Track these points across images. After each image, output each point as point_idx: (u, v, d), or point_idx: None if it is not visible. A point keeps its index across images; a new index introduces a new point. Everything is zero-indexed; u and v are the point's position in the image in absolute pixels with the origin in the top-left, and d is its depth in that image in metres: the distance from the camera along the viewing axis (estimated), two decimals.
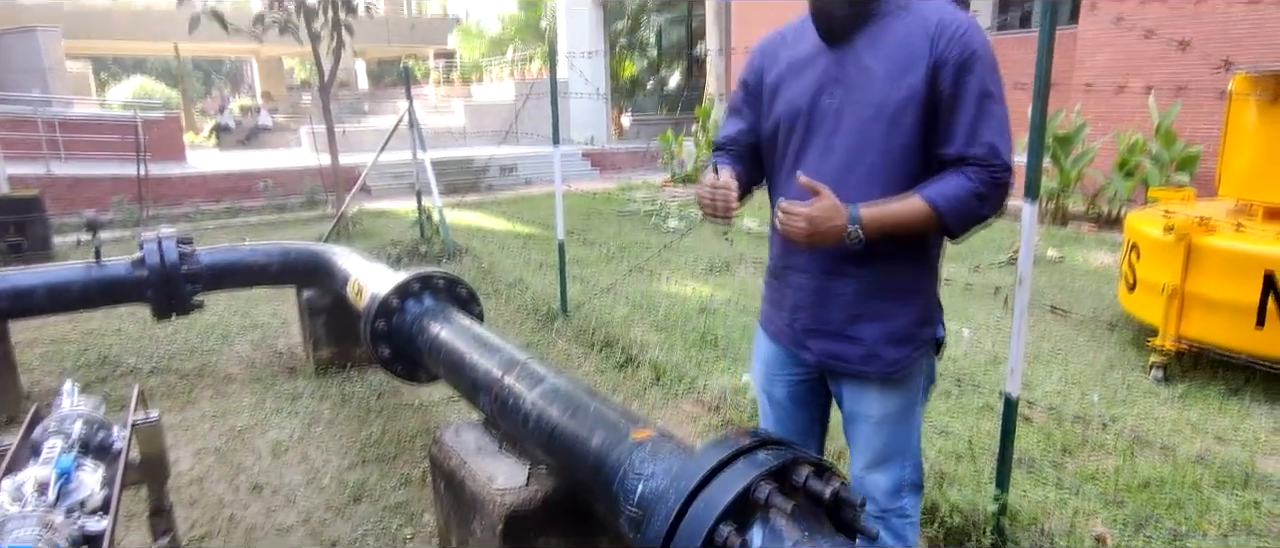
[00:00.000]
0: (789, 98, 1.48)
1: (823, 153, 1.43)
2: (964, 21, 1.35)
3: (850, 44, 1.40)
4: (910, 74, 1.34)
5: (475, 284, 5.56)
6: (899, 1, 1.40)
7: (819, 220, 1.32)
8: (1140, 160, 7.30)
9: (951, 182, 1.34)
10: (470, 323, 2.53)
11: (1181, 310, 3.47)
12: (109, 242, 7.65)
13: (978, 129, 1.33)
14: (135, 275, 3.39)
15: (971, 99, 1.32)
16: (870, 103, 1.37)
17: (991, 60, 1.34)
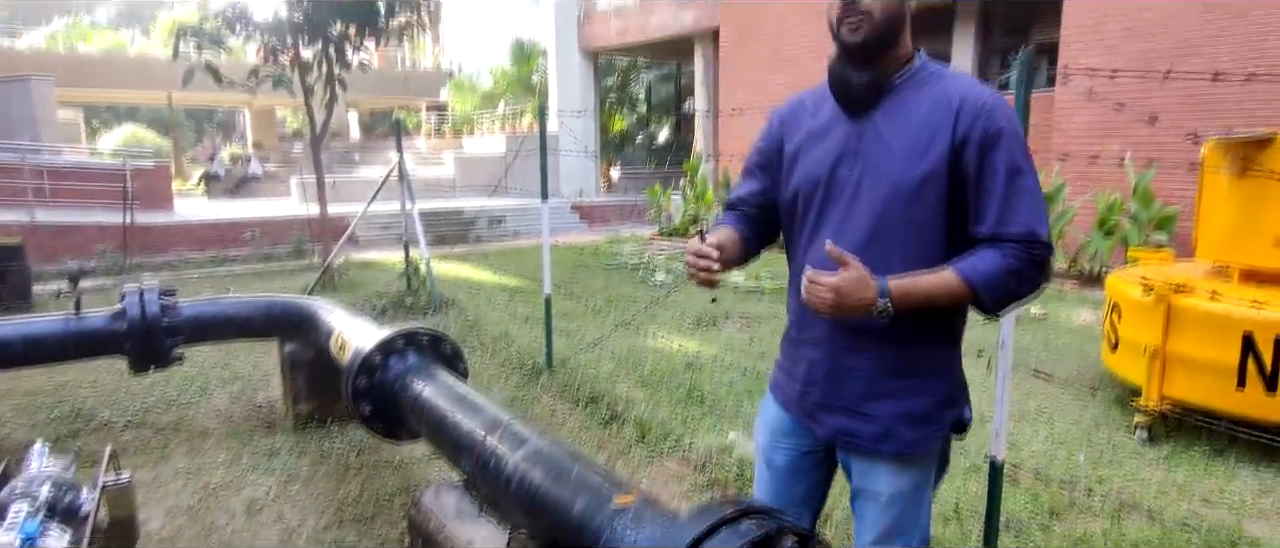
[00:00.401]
0: (808, 166, 1.45)
1: (841, 224, 1.40)
2: (988, 98, 1.32)
3: (870, 115, 1.38)
4: (931, 152, 1.32)
5: (461, 338, 5.53)
6: (921, 75, 1.38)
7: (846, 292, 1.27)
8: (1119, 220, 7.45)
9: (987, 258, 1.29)
10: (454, 381, 2.50)
11: (1164, 371, 3.50)
12: (92, 290, 7.57)
13: (1010, 208, 1.29)
14: (114, 328, 3.34)
15: (1000, 177, 1.29)
16: (889, 178, 1.34)
17: (1019, 135, 1.31)
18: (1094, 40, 8.69)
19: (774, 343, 5.01)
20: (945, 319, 1.39)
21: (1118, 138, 8.46)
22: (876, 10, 1.32)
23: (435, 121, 23.94)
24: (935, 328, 1.39)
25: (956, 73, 1.39)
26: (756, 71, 12.67)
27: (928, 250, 1.34)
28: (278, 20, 6.96)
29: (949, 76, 1.37)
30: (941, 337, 1.41)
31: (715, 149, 14.14)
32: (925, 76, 1.38)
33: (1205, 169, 3.75)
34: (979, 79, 1.49)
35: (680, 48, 16.20)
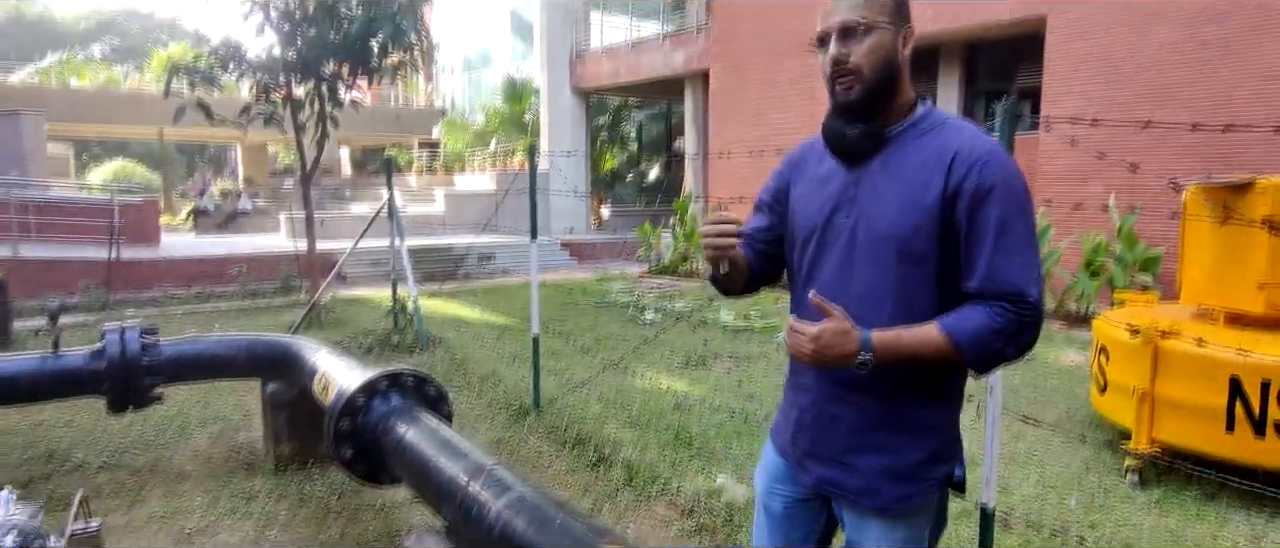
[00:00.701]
0: (807, 213, 1.45)
1: (836, 272, 1.39)
2: (983, 150, 1.29)
3: (867, 165, 1.37)
4: (922, 204, 1.29)
5: (447, 377, 5.48)
6: (924, 125, 1.36)
7: (826, 343, 1.25)
8: (1104, 261, 7.52)
9: (974, 316, 1.26)
10: (438, 425, 2.46)
11: (1153, 414, 3.49)
12: (74, 326, 7.48)
13: (998, 266, 1.25)
14: (93, 367, 3.28)
15: (990, 233, 1.25)
16: (881, 229, 1.33)
17: (1014, 189, 1.27)
18: (1074, 86, 8.88)
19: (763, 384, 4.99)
20: (937, 374, 1.35)
21: (1100, 180, 8.59)
22: (866, 68, 1.31)
23: (427, 159, 24.06)
24: (926, 383, 1.36)
25: (961, 122, 1.36)
26: (746, 112, 12.85)
27: (920, 303, 1.32)
28: (272, 59, 7.02)
29: (950, 127, 1.35)
30: (933, 392, 1.37)
31: (705, 188, 14.24)
32: (927, 126, 1.35)
33: (1186, 214, 3.80)
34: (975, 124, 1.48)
35: (671, 88, 16.43)
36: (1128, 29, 8.39)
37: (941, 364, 1.30)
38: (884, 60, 1.32)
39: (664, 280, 11.40)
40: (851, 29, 1.30)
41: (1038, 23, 9.33)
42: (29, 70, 24.67)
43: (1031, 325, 1.26)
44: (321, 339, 6.21)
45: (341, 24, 6.97)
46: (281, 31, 6.86)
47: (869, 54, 1.31)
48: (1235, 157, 7.58)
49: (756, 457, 3.89)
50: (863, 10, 1.31)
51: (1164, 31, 8.12)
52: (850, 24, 1.30)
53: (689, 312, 8.35)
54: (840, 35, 1.31)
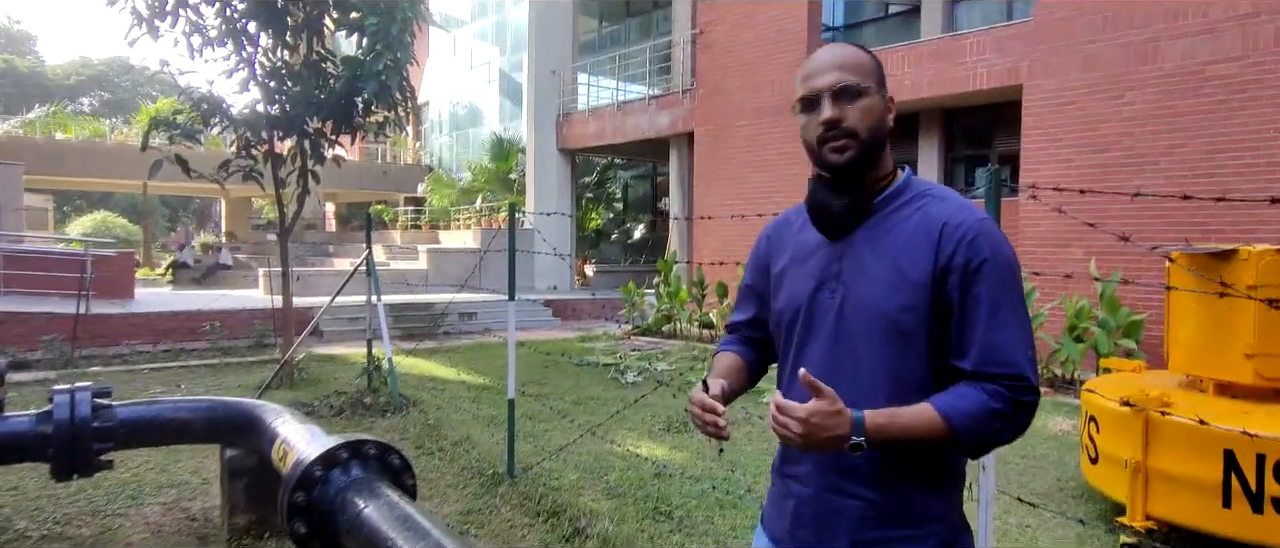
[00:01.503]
0: (791, 290, 1.38)
1: (824, 352, 1.31)
2: (972, 223, 1.24)
3: (850, 238, 1.32)
4: (910, 281, 1.24)
5: (419, 441, 5.29)
6: (906, 194, 1.32)
7: (817, 427, 1.16)
8: (1088, 326, 7.50)
9: (969, 397, 1.19)
10: (398, 499, 2.30)
11: (1147, 488, 3.38)
12: (33, 384, 7.20)
13: (993, 345, 1.19)
14: (39, 431, 3.10)
15: (983, 310, 1.20)
16: (868, 307, 1.27)
17: (1007, 264, 1.23)
18: (1053, 152, 9.04)
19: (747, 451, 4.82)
20: (939, 459, 1.27)
21: (1081, 245, 8.66)
22: (862, 130, 1.27)
23: (412, 215, 24.05)
24: (929, 469, 1.27)
25: (945, 192, 1.32)
26: (729, 173, 12.97)
27: (913, 382, 1.25)
28: (254, 114, 6.99)
29: (935, 197, 1.30)
30: (937, 478, 1.28)
31: (690, 248, 14.26)
32: (910, 195, 1.31)
33: (1171, 281, 3.78)
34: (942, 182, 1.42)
35: (656, 148, 16.62)
36: (1104, 98, 8.59)
37: (935, 446, 1.22)
38: (878, 123, 1.29)
39: (647, 340, 11.27)
40: (846, 90, 1.26)
41: (1015, 91, 9.55)
42: (14, 122, 24.64)
43: (1029, 407, 1.20)
44: (288, 402, 6.02)
45: (327, 81, 6.98)
46: (266, 88, 6.85)
47: (864, 115, 1.27)
48: (1213, 223, 7.68)
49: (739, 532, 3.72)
50: (856, 73, 1.28)
51: (1139, 102, 8.32)
52: (845, 85, 1.26)
53: (672, 373, 8.20)
54: (834, 96, 1.27)
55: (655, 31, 17.64)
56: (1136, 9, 8.30)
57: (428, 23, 8.41)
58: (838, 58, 1.29)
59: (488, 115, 23.88)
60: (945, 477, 1.29)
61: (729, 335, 1.56)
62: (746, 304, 1.53)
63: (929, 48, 10.50)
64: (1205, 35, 7.85)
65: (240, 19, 6.52)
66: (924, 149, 11.55)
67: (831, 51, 1.31)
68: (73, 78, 45.42)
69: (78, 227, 30.22)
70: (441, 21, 25.06)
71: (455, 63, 25.33)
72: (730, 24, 13.00)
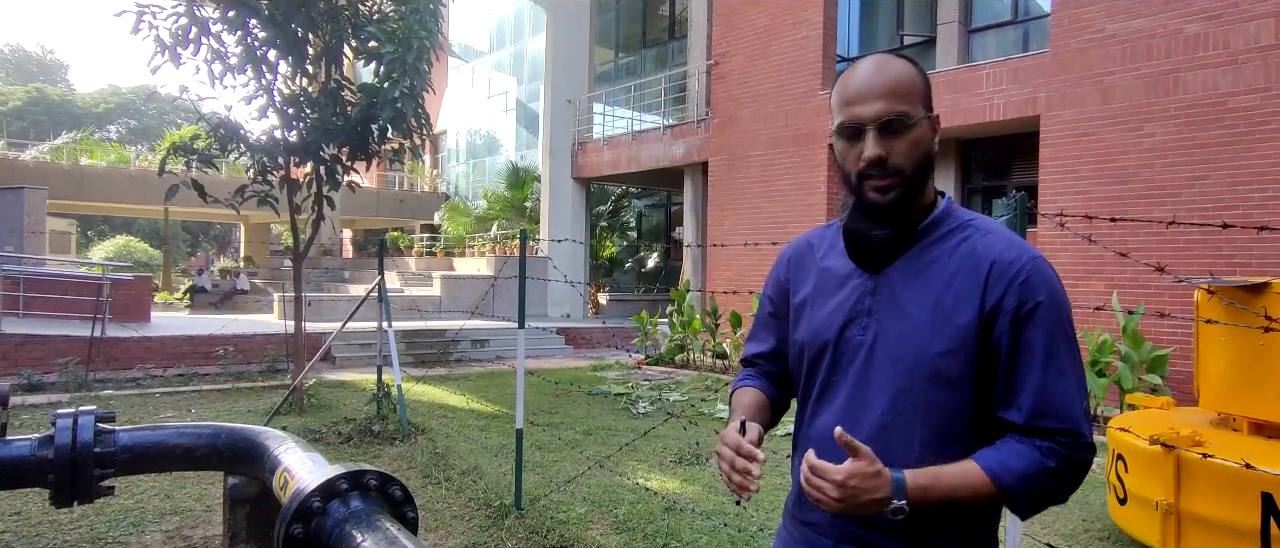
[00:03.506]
0: (814, 324, 1.26)
1: (853, 397, 1.19)
2: (1024, 261, 1.12)
3: (886, 270, 1.20)
4: (955, 323, 1.12)
5: (427, 470, 5.20)
6: (948, 224, 1.20)
7: (855, 490, 1.04)
8: (1111, 361, 7.32)
9: (1021, 454, 1.08)
10: (398, 533, 2.22)
11: (1179, 531, 3.23)
12: (47, 406, 7.21)
13: (1049, 396, 1.08)
14: (39, 456, 3.05)
15: (1037, 358, 1.08)
16: (907, 348, 1.14)
17: (1060, 306, 1.12)
18: (1071, 184, 8.93)
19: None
20: (977, 511, 1.15)
21: (1101, 277, 8.51)
22: (909, 168, 1.15)
23: (427, 242, 24.19)
24: (963, 521, 1.16)
25: (990, 224, 1.20)
26: (743, 203, 12.93)
27: (953, 432, 1.14)
28: (272, 140, 7.05)
29: (979, 228, 1.18)
30: (970, 532, 1.17)
31: (703, 277, 14.19)
32: (952, 226, 1.20)
33: (1199, 315, 3.65)
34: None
35: (671, 177, 16.64)
36: (1124, 129, 8.50)
37: (982, 508, 1.11)
38: (924, 156, 1.17)
39: (659, 370, 11.16)
40: (893, 123, 1.13)
41: (1032, 122, 9.48)
42: (42, 148, 25.18)
43: (1085, 465, 1.09)
44: (298, 428, 5.98)
45: (344, 108, 7.04)
46: (284, 114, 6.92)
47: (912, 151, 1.15)
48: (1240, 256, 7.51)
49: None
50: (904, 101, 1.14)
51: (1160, 133, 8.22)
52: (893, 117, 1.13)
53: (684, 404, 8.08)
54: (880, 130, 1.14)
55: (671, 62, 17.78)
56: (1156, 40, 8.24)
57: (445, 52, 8.50)
58: (886, 81, 1.15)
59: (504, 144, 24.10)
60: (980, 531, 1.18)
61: (746, 369, 1.44)
62: (765, 334, 1.41)
63: (945, 78, 10.47)
64: (1227, 67, 7.76)
65: (261, 47, 6.61)
66: (940, 180, 11.45)
67: (878, 69, 1.17)
68: (101, 106, 46.55)
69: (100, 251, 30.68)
70: (460, 52, 25.47)
71: (473, 92, 25.65)
72: (745, 54, 13.07)
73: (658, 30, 18.84)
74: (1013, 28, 11.15)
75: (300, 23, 6.61)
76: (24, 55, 52.50)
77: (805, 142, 11.90)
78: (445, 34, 7.92)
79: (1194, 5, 7.97)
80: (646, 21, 19.06)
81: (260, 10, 6.43)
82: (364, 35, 6.91)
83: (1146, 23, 8.32)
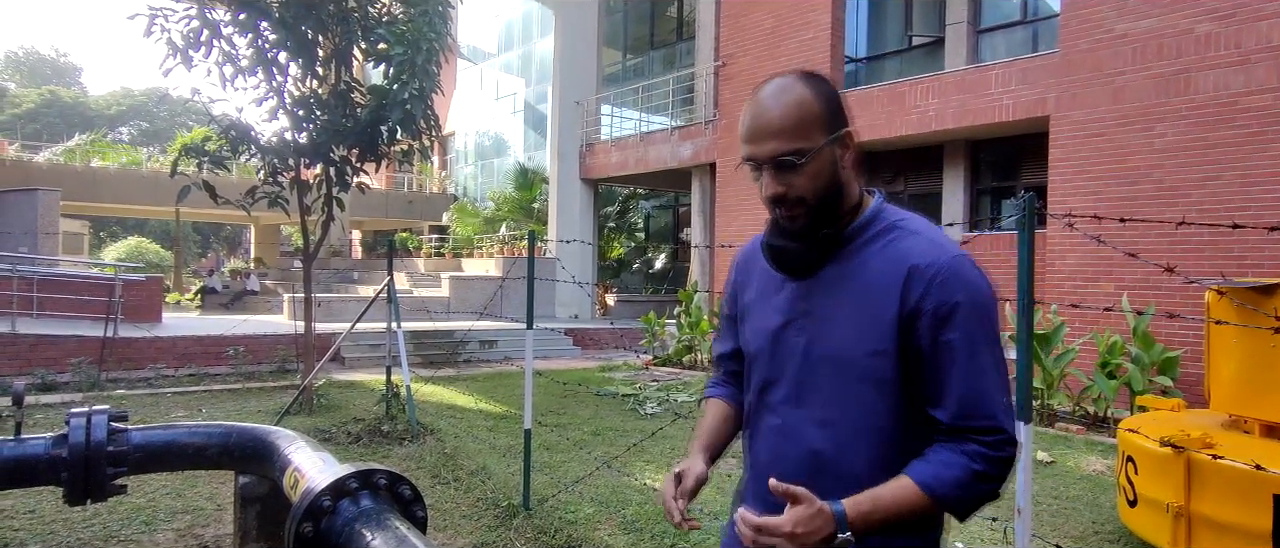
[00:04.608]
0: (756, 324, 1.32)
1: (792, 397, 1.25)
2: (944, 262, 1.16)
3: (820, 274, 1.25)
4: (878, 326, 1.16)
5: (436, 470, 5.23)
6: (876, 225, 1.23)
7: (803, 535, 1.07)
8: (1121, 362, 7.27)
9: (952, 462, 1.12)
10: (407, 531, 2.24)
11: (1190, 534, 3.22)
12: (61, 405, 7.28)
13: (970, 394, 1.12)
14: (52, 455, 3.08)
15: (959, 357, 1.12)
16: (839, 350, 1.20)
17: (982, 305, 1.16)
18: (1081, 184, 8.88)
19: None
20: (922, 528, 1.21)
21: (1111, 278, 8.46)
22: (810, 197, 1.19)
23: (436, 243, 24.29)
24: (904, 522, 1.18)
25: (919, 225, 1.23)
26: (752, 203, 12.92)
27: (887, 427, 1.18)
28: (283, 142, 7.10)
29: (906, 230, 1.22)
30: (915, 523, 1.20)
31: (711, 278, 14.19)
32: (882, 227, 1.23)
33: (1210, 317, 3.64)
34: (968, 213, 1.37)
35: (679, 179, 16.65)
36: (1134, 129, 8.45)
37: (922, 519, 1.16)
38: (828, 182, 1.19)
39: (667, 371, 11.16)
40: (785, 163, 1.17)
41: (1041, 122, 9.44)
42: (55, 150, 25.42)
43: (1008, 460, 1.13)
44: (307, 428, 6.02)
45: (354, 109, 7.09)
46: (294, 116, 6.97)
47: (812, 182, 1.18)
48: (1252, 258, 7.46)
49: None
50: (795, 137, 1.16)
51: (1170, 133, 8.17)
52: (784, 156, 1.16)
53: (691, 405, 8.09)
54: (775, 169, 1.17)
55: (679, 63, 17.79)
56: (1166, 40, 8.19)
57: (454, 54, 8.54)
58: (780, 118, 1.16)
59: (512, 145, 24.16)
60: (926, 521, 1.22)
61: (716, 372, 1.51)
62: (728, 334, 1.47)
63: (954, 79, 10.44)
64: (1238, 67, 7.71)
65: (271, 49, 6.66)
66: (949, 180, 11.43)
67: (772, 105, 1.18)
68: (113, 108, 46.95)
69: (113, 252, 30.94)
70: (469, 54, 25.55)
71: (482, 94, 25.73)
72: (753, 56, 13.07)
73: (665, 32, 18.85)
74: (1022, 28, 11.11)
75: (311, 25, 6.66)
76: (38, 58, 53.02)
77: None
78: (454, 36, 7.95)
79: (1205, 5, 7.92)
80: (654, 23, 19.07)
81: (271, 13, 6.48)
82: (374, 37, 6.95)
83: (1157, 22, 8.27)
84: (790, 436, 1.25)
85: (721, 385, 1.48)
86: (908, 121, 10.82)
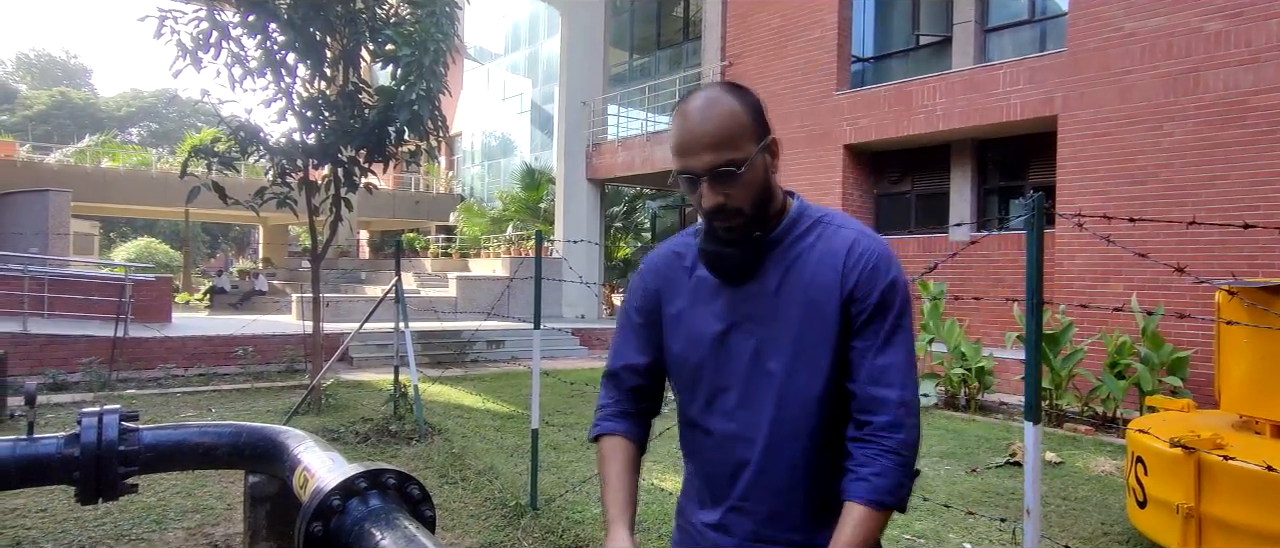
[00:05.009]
0: (693, 333, 1.31)
1: (743, 400, 1.27)
2: (874, 250, 1.24)
3: (758, 276, 1.27)
4: (822, 320, 1.22)
5: (444, 469, 5.25)
6: (803, 223, 1.28)
7: None
8: (1130, 363, 7.24)
9: (878, 467, 1.17)
10: (416, 531, 2.25)
11: (1200, 535, 3.20)
12: (71, 405, 7.34)
13: (888, 371, 1.19)
14: (65, 454, 3.11)
15: (882, 336, 1.20)
16: (789, 345, 1.23)
17: (905, 293, 1.24)
18: (1089, 184, 8.84)
19: None
20: None
21: (1120, 278, 8.42)
22: (748, 206, 1.22)
23: (443, 243, 24.35)
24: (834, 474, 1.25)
25: (843, 219, 1.30)
26: None
27: (833, 415, 1.23)
28: (291, 143, 7.14)
29: (832, 225, 1.28)
30: None
31: None
32: (808, 224, 1.28)
33: (1220, 317, 3.62)
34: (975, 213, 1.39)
35: None
36: (1142, 128, 8.41)
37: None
38: (762, 188, 1.24)
39: None
40: (723, 175, 1.19)
41: (1049, 122, 9.40)
42: (66, 151, 25.60)
43: (915, 439, 1.19)
44: (316, 428, 6.05)
45: (361, 110, 7.12)
46: (303, 117, 7.00)
47: (748, 191, 1.21)
48: (1262, 257, 7.41)
49: None
50: (731, 148, 1.19)
51: (1179, 133, 8.12)
52: (721, 170, 1.19)
53: None
54: (712, 181, 1.19)
55: (685, 63, 17.79)
56: (1175, 39, 8.15)
57: (460, 54, 8.56)
58: (714, 131, 1.19)
59: (519, 145, 24.20)
60: None
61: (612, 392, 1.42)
62: (640, 344, 1.39)
63: (961, 78, 10.40)
64: (1248, 65, 7.66)
65: (280, 50, 6.69)
66: (956, 180, 11.39)
67: (703, 117, 1.20)
68: (123, 109, 47.23)
69: (123, 252, 31.13)
70: (475, 54, 25.60)
71: (488, 94, 25.79)
72: (759, 56, 13.05)
73: (672, 32, 18.84)
74: (1029, 27, 11.06)
75: (319, 26, 6.69)
76: (49, 60, 53.41)
77: (819, 143, 11.86)
78: (461, 37, 7.97)
79: (1214, 3, 7.88)
80: (661, 23, 19.07)
81: (279, 14, 6.51)
82: (381, 38, 6.98)
83: (1166, 21, 8.23)
84: (744, 441, 1.26)
85: (620, 419, 1.40)
86: (914, 121, 10.79)
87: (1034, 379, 1.84)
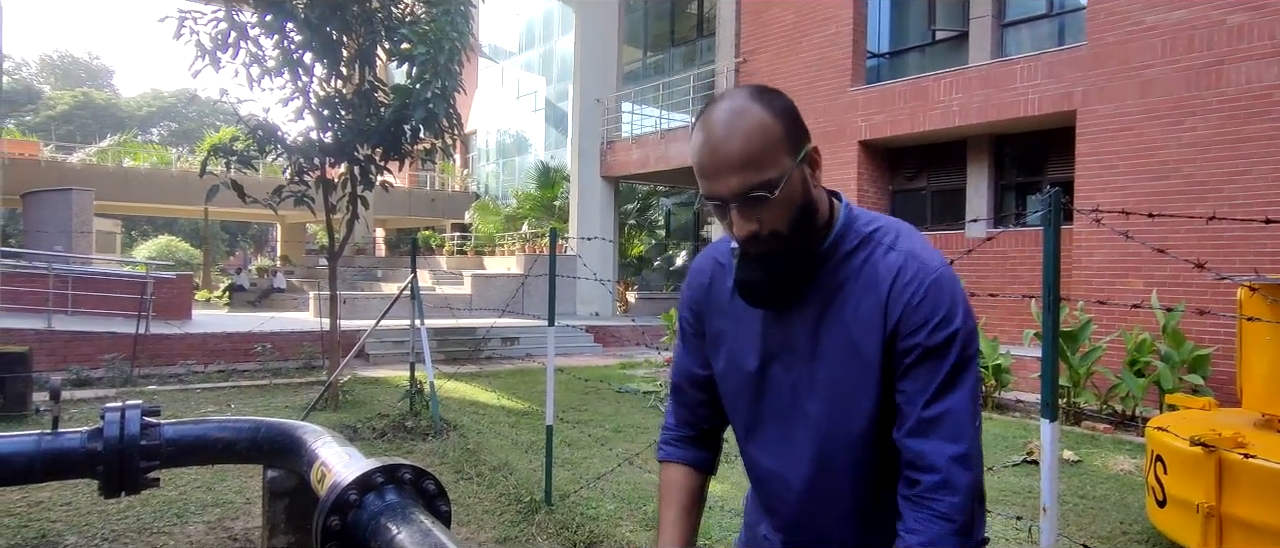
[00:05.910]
0: (732, 356, 1.21)
1: (783, 437, 1.18)
2: (924, 278, 1.06)
3: (799, 302, 1.14)
4: (863, 352, 1.08)
5: (459, 465, 5.29)
6: (849, 239, 1.12)
7: None
8: (1150, 360, 7.15)
9: (927, 535, 1.03)
10: (432, 526, 2.27)
11: (1221, 535, 3.16)
12: (95, 400, 7.46)
13: (939, 423, 1.04)
14: (88, 448, 3.17)
15: (936, 381, 1.04)
16: (827, 388, 1.11)
17: (965, 326, 1.06)
18: (1108, 179, 8.74)
19: None
20: None
21: (1140, 275, 8.31)
22: (785, 229, 1.06)
23: (458, 241, 24.48)
24: None
25: (890, 236, 1.12)
26: None
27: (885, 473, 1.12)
28: (308, 141, 7.21)
29: (882, 246, 1.11)
30: None
31: None
32: (855, 240, 1.12)
33: (1242, 314, 3.56)
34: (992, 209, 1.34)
35: None
36: (1163, 123, 8.29)
37: None
38: (801, 207, 1.07)
39: None
40: (754, 198, 1.03)
41: (1068, 117, 9.29)
42: (89, 151, 25.99)
43: (970, 489, 1.04)
44: (333, 423, 6.11)
45: (377, 109, 7.17)
46: (319, 116, 7.07)
47: (785, 212, 1.05)
48: None
49: None
50: (761, 168, 1.02)
51: (1201, 127, 8.00)
52: (752, 194, 1.03)
53: None
54: (742, 206, 1.04)
55: (699, 60, 17.75)
56: (1197, 32, 8.02)
57: (475, 53, 8.60)
58: (740, 149, 1.02)
59: (534, 143, 24.27)
60: None
61: (676, 411, 1.35)
62: (695, 353, 1.30)
63: (978, 73, 10.31)
64: (1272, 58, 7.53)
65: (297, 50, 6.76)
66: (973, 175, 11.29)
67: (726, 135, 1.03)
68: (144, 109, 47.87)
69: (143, 250, 31.57)
70: (490, 53, 25.70)
71: (503, 92, 25.87)
72: (773, 52, 13.00)
73: (686, 29, 18.80)
74: (1047, 21, 10.93)
75: (335, 26, 6.75)
76: (72, 61, 54.20)
77: (835, 139, 11.80)
78: (475, 35, 8.01)
79: None
80: (674, 20, 19.04)
81: (296, 14, 6.58)
82: (397, 37, 7.03)
83: (1187, 14, 8.11)
84: (785, 480, 1.20)
85: (683, 445, 1.33)
86: (931, 117, 10.71)
87: (1050, 376, 1.82)
